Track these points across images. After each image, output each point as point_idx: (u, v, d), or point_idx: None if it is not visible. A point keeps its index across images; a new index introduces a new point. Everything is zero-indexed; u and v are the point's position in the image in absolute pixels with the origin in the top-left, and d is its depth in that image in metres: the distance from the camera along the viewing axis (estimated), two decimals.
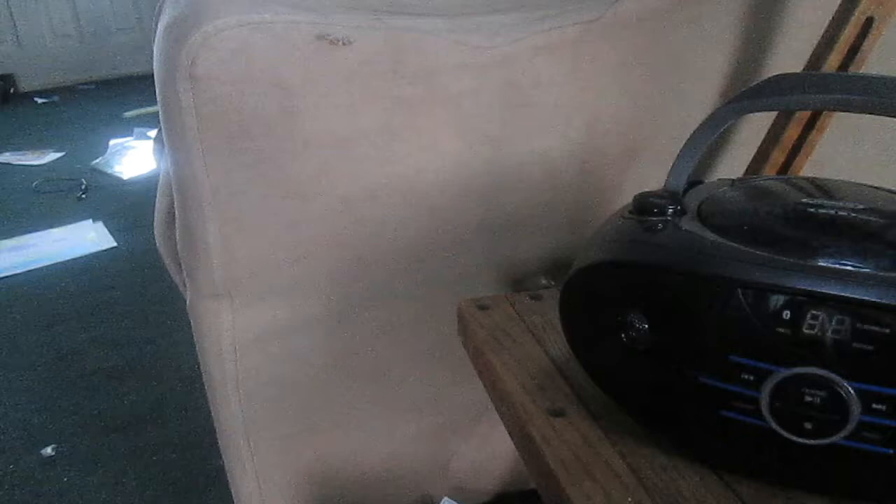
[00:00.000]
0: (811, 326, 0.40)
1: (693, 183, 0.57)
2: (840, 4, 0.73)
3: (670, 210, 0.51)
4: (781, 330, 0.41)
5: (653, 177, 0.60)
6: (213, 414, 0.85)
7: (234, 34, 0.66)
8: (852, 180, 0.59)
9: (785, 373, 0.41)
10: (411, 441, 0.92)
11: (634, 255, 0.47)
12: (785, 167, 0.74)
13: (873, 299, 0.39)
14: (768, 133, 0.76)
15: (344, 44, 0.67)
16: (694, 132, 0.53)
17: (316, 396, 0.84)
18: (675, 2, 0.78)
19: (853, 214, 0.48)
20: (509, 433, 0.56)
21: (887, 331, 0.39)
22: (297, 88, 0.68)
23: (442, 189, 0.73)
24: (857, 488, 0.44)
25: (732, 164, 0.84)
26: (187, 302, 0.79)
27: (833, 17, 0.73)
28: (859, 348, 0.40)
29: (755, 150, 0.79)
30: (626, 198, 0.53)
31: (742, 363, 0.42)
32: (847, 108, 0.55)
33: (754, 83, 0.52)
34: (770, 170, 0.75)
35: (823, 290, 0.40)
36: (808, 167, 0.82)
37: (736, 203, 0.52)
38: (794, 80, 0.51)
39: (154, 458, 1.33)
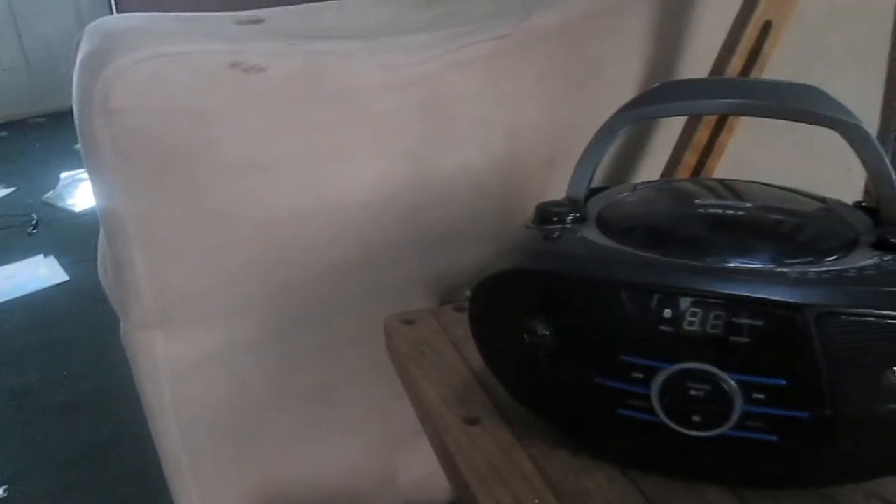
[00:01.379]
0: (691, 323, 0.42)
1: (597, 189, 0.59)
2: (740, 10, 0.75)
3: (569, 218, 0.52)
4: (664, 328, 0.43)
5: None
6: (155, 442, 0.85)
7: (148, 66, 0.67)
8: (765, 180, 0.62)
9: (670, 369, 0.43)
10: (357, 457, 0.92)
11: (530, 263, 0.49)
12: (697, 169, 0.77)
13: (744, 294, 0.41)
14: (680, 136, 0.79)
15: (257, 71, 0.68)
16: (590, 142, 0.55)
17: (257, 419, 0.84)
18: (589, 14, 0.80)
19: (740, 213, 0.50)
20: (430, 444, 0.58)
21: (760, 323, 0.41)
22: (214, 116, 0.69)
23: (366, 207, 0.74)
24: (750, 476, 0.46)
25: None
26: (121, 332, 0.79)
27: (734, 22, 0.76)
28: (736, 341, 0.41)
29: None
30: None
31: (632, 362, 0.44)
32: (728, 111, 0.58)
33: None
34: (683, 172, 0.77)
35: (699, 288, 0.42)
36: (728, 168, 0.84)
37: (632, 208, 0.54)
38: (678, 87, 0.53)
39: (111, 492, 1.32)
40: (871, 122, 1.04)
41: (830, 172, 1.04)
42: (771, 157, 0.95)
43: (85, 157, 0.70)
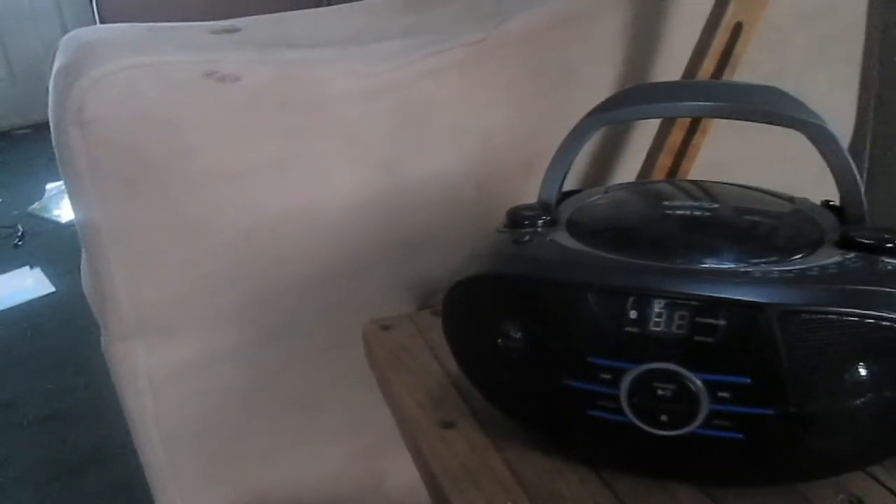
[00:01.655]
0: (657, 324, 0.43)
1: (570, 193, 0.60)
2: (711, 12, 0.76)
3: (540, 221, 0.53)
4: (630, 329, 0.43)
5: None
6: (137, 452, 0.85)
7: (122, 77, 0.67)
8: (742, 179, 0.62)
9: (637, 370, 0.43)
10: (342, 464, 0.92)
11: (499, 267, 0.49)
12: (672, 171, 0.77)
13: (707, 294, 0.42)
14: (655, 138, 0.79)
15: (232, 80, 0.69)
16: (559, 146, 0.56)
17: (238, 428, 0.84)
18: (561, 19, 0.81)
19: (707, 214, 0.51)
20: (407, 448, 0.58)
21: (723, 322, 0.41)
22: (188, 126, 0.69)
23: (341, 215, 0.74)
24: (719, 474, 0.46)
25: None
26: (101, 343, 0.79)
27: (705, 25, 0.76)
28: (700, 341, 0.42)
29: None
30: None
31: (600, 364, 0.45)
32: (694, 114, 0.58)
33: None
34: (659, 174, 0.78)
35: (663, 289, 0.43)
36: (705, 168, 0.85)
37: (602, 211, 0.55)
38: (644, 91, 0.54)
39: (99, 503, 1.32)
40: (845, 121, 1.05)
41: (807, 171, 1.04)
42: (747, 157, 0.95)
43: (61, 168, 0.70)
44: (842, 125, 1.05)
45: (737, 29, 0.74)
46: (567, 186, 0.65)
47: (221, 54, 0.72)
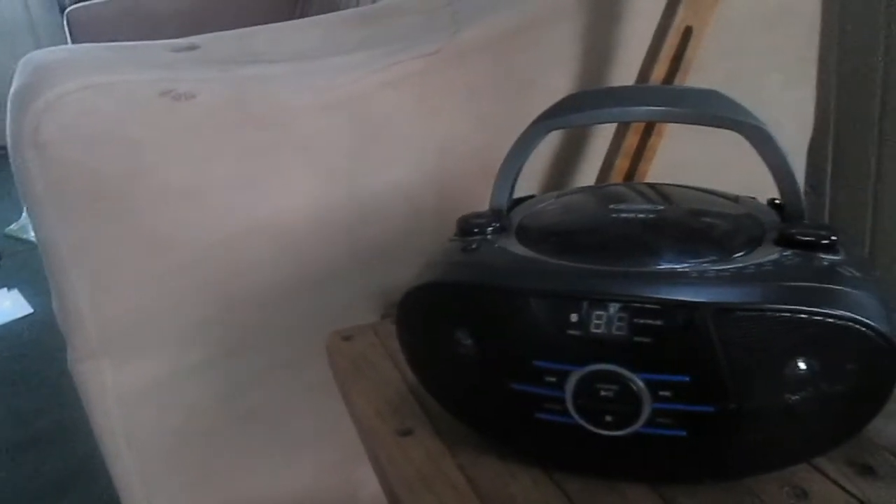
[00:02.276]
0: (597, 326, 0.43)
1: (521, 199, 0.61)
2: (661, 16, 0.77)
3: (490, 229, 0.54)
4: (572, 332, 0.44)
5: None
6: (109, 471, 0.85)
7: (78, 98, 0.67)
8: (703, 179, 0.63)
9: (581, 372, 0.44)
10: (315, 476, 0.92)
11: (447, 275, 0.50)
12: (630, 173, 0.78)
13: (643, 295, 0.43)
14: (612, 141, 0.80)
15: (187, 98, 0.69)
16: (508, 153, 0.57)
17: (211, 442, 0.84)
18: (516, 28, 0.82)
19: (651, 216, 0.52)
20: (368, 457, 0.58)
21: (660, 323, 0.42)
22: (146, 145, 0.69)
23: (302, 228, 0.75)
24: (665, 471, 0.47)
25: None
26: (68, 363, 0.79)
27: (656, 29, 0.78)
28: (640, 342, 0.43)
29: None
30: None
31: (545, 367, 0.45)
32: (635, 118, 0.60)
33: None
34: (617, 177, 0.79)
35: (601, 292, 0.43)
36: (666, 169, 0.86)
37: (550, 216, 0.56)
38: (587, 97, 0.55)
39: None
40: (804, 120, 1.07)
41: (767, 170, 1.07)
42: (708, 157, 0.97)
43: (20, 190, 0.70)
44: (801, 125, 1.07)
45: (687, 33, 0.75)
46: (529, 191, 0.66)
47: (178, 72, 0.73)
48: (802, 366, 0.42)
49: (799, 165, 1.11)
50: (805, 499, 0.45)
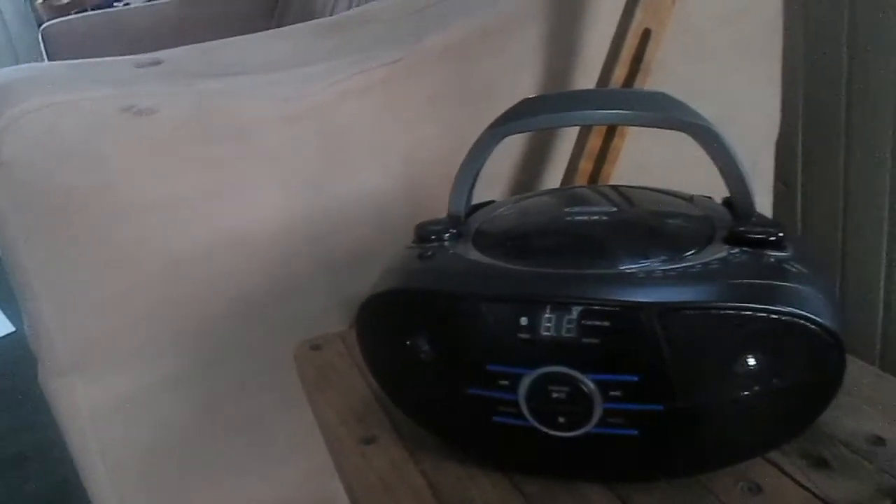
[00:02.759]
0: (547, 329, 0.44)
1: (481, 205, 0.61)
2: (620, 19, 0.78)
3: (447, 235, 0.54)
4: (523, 336, 0.44)
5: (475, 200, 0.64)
6: (85, 487, 0.85)
7: (40, 116, 0.68)
8: (669, 179, 0.64)
9: (533, 374, 0.45)
10: (294, 484, 0.93)
11: (402, 282, 0.50)
12: (594, 176, 0.79)
13: (590, 297, 0.43)
14: (576, 144, 0.81)
15: (149, 113, 0.69)
16: (463, 160, 0.57)
17: (186, 456, 0.84)
18: (478, 34, 0.83)
19: (604, 218, 0.52)
20: (334, 466, 0.59)
21: (607, 324, 0.43)
22: (108, 161, 0.69)
23: (270, 239, 0.75)
24: (621, 470, 0.48)
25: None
26: (38, 380, 0.79)
27: (615, 32, 0.78)
28: (589, 343, 0.43)
29: None
30: None
31: (499, 371, 0.46)
32: (587, 122, 0.60)
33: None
34: (581, 179, 0.80)
35: (548, 295, 0.44)
36: (632, 170, 0.87)
37: (507, 221, 0.56)
38: (539, 102, 0.55)
39: None
40: (770, 118, 1.08)
41: None
42: (674, 158, 0.97)
43: None
44: (768, 122, 1.08)
45: (645, 35, 0.76)
46: (499, 195, 0.67)
47: (140, 88, 0.73)
48: (750, 362, 0.43)
49: (768, 162, 1.12)
50: (759, 493, 0.46)
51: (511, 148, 0.88)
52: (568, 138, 0.89)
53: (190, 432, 0.84)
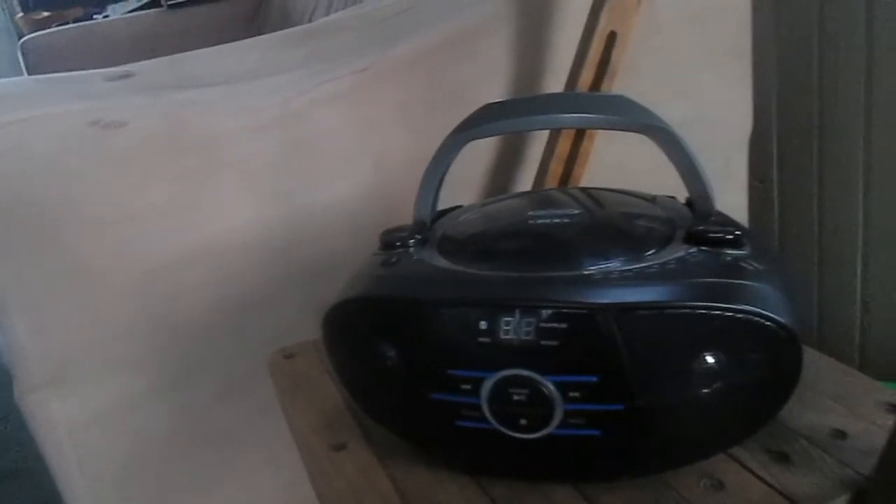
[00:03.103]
0: (506, 332, 0.44)
1: (446, 210, 0.61)
2: (586, 23, 0.79)
3: (412, 241, 0.54)
4: (483, 340, 0.45)
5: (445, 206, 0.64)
6: (65, 503, 0.84)
7: (8, 132, 0.68)
8: (641, 180, 0.64)
9: (493, 378, 0.45)
10: (274, 494, 0.93)
11: (365, 289, 0.50)
12: (565, 178, 0.79)
13: (547, 299, 0.44)
14: (546, 147, 0.82)
15: (117, 127, 0.70)
16: (428, 166, 0.58)
17: (165, 468, 0.84)
18: (446, 41, 0.83)
19: (565, 221, 0.53)
20: (307, 473, 0.59)
21: (565, 326, 0.43)
22: (77, 175, 0.70)
23: (242, 250, 0.75)
24: (585, 471, 0.48)
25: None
26: (14, 396, 0.79)
27: (582, 35, 0.79)
28: (547, 345, 0.44)
29: None
30: None
31: (460, 375, 0.46)
32: (548, 126, 0.61)
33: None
34: (552, 182, 0.80)
35: (507, 298, 0.44)
36: (605, 172, 0.87)
37: (471, 226, 0.57)
38: (500, 107, 0.56)
39: None
40: (742, 117, 1.09)
41: (710, 166, 1.09)
42: (649, 159, 0.98)
43: None
44: (740, 121, 1.09)
45: (611, 38, 0.77)
46: (471, 200, 0.67)
47: (108, 101, 0.73)
48: (708, 360, 0.43)
49: (741, 161, 1.13)
50: (721, 490, 0.46)
51: (484, 152, 0.89)
52: (539, 141, 0.90)
53: (168, 444, 0.84)
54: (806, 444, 0.49)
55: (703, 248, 0.48)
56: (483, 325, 0.45)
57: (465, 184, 0.88)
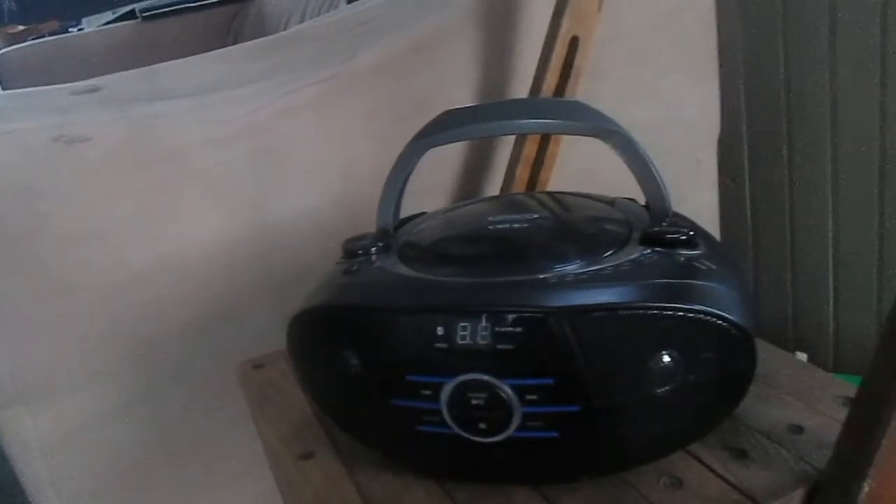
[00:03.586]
0: (463, 337, 0.45)
1: (410, 218, 0.62)
2: (548, 28, 0.80)
3: (374, 249, 0.55)
4: (440, 345, 0.45)
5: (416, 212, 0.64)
6: None
7: None
8: (611, 183, 0.65)
9: (452, 383, 0.45)
10: (254, 502, 0.93)
11: (326, 298, 0.51)
12: (531, 182, 0.80)
13: (502, 303, 0.44)
14: (512, 151, 0.82)
15: (81, 141, 0.70)
16: (389, 173, 0.58)
17: (139, 482, 0.84)
18: (411, 48, 0.84)
19: (525, 226, 0.53)
20: (276, 483, 0.59)
21: (520, 330, 0.44)
22: (44, 191, 0.70)
23: (211, 260, 0.76)
24: (545, 472, 0.48)
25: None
26: None
27: (545, 40, 0.80)
28: (503, 349, 0.44)
29: None
30: None
31: (420, 381, 0.47)
32: (505, 132, 0.61)
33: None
34: (519, 186, 0.81)
35: (462, 304, 0.45)
36: (574, 175, 0.88)
37: (432, 232, 0.57)
38: (459, 114, 0.56)
39: None
40: (710, 117, 1.10)
41: (680, 165, 1.10)
42: (614, 162, 0.99)
43: None
44: (708, 121, 1.10)
45: (574, 42, 0.78)
46: (438, 206, 0.67)
47: (73, 116, 0.73)
48: (661, 360, 0.44)
49: (711, 161, 1.14)
50: (681, 488, 0.47)
51: (452, 158, 0.89)
52: (507, 146, 0.90)
53: (142, 458, 0.84)
54: (764, 439, 0.50)
55: (658, 249, 0.48)
56: (440, 330, 0.45)
57: (434, 190, 0.89)
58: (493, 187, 0.90)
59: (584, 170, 0.89)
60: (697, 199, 1.12)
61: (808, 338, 1.22)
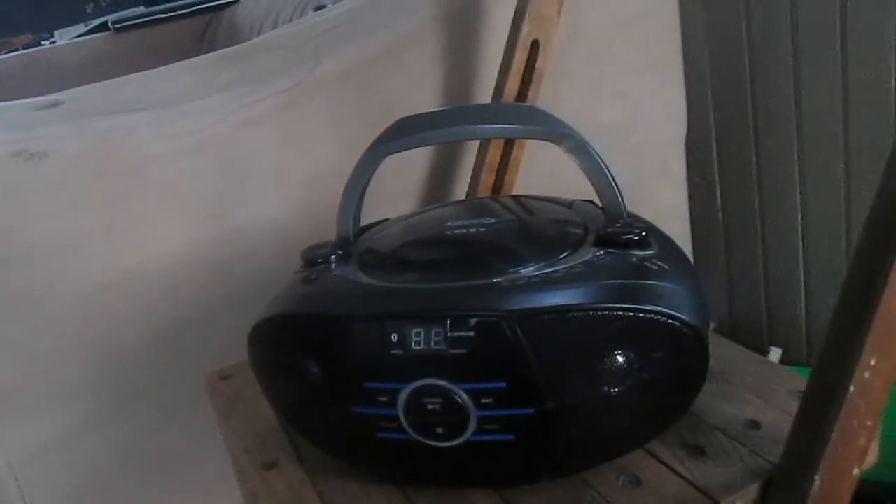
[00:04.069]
0: (417, 343, 0.45)
1: (371, 225, 0.62)
2: (509, 32, 0.80)
3: (333, 257, 0.55)
4: (395, 352, 0.45)
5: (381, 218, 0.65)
6: None
7: None
8: (578, 186, 0.65)
9: (408, 389, 0.46)
10: None
11: (284, 308, 0.51)
12: (497, 186, 0.81)
13: (453, 308, 0.44)
14: (477, 156, 0.83)
15: (40, 157, 0.70)
16: (347, 181, 0.58)
17: (112, 497, 0.84)
18: (375, 56, 0.84)
19: (482, 230, 0.53)
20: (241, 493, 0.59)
21: (472, 334, 0.44)
22: (6, 206, 0.69)
23: (174, 272, 0.75)
24: (504, 475, 0.49)
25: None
26: None
27: (506, 45, 0.80)
28: (457, 353, 0.44)
29: None
30: None
31: (377, 388, 0.47)
32: (462, 138, 0.62)
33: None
34: (484, 190, 0.81)
35: (414, 310, 0.45)
36: (542, 178, 0.88)
37: (391, 240, 0.57)
38: (416, 120, 0.56)
39: None
40: (677, 117, 1.11)
41: (648, 165, 1.11)
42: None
43: None
44: (675, 122, 1.11)
45: (534, 46, 0.78)
46: (404, 212, 0.67)
47: (35, 131, 0.73)
48: (615, 360, 0.44)
49: (679, 160, 1.15)
50: (639, 486, 0.48)
51: (418, 163, 0.90)
52: (473, 151, 0.91)
53: (114, 471, 0.83)
54: (721, 436, 0.51)
55: (611, 250, 0.49)
56: (394, 337, 0.45)
57: (401, 195, 0.89)
58: (460, 191, 0.91)
59: (549, 172, 0.89)
60: (666, 199, 1.13)
61: (781, 333, 1.23)
